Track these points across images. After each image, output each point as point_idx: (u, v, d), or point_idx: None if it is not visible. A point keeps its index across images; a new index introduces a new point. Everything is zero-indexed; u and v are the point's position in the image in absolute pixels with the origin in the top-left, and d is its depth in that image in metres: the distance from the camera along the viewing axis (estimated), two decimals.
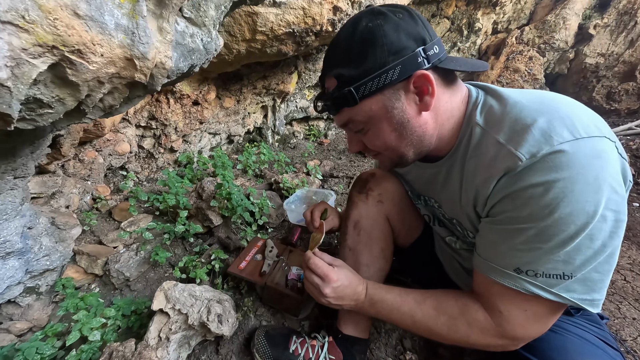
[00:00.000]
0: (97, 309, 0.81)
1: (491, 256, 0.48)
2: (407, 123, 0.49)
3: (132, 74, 0.45)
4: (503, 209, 0.45)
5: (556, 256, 0.41)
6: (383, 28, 0.44)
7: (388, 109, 0.48)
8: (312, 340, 0.78)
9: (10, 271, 0.75)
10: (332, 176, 1.89)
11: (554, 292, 0.43)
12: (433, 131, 0.51)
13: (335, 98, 0.49)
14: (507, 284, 0.46)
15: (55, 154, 0.92)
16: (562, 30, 2.57)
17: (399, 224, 0.79)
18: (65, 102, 0.42)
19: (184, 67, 0.55)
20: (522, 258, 0.44)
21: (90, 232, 1.12)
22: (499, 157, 0.44)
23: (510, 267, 0.45)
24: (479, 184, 0.48)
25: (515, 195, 0.43)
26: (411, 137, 0.50)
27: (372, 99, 0.47)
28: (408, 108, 0.48)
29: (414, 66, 0.45)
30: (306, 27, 1.36)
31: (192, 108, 1.53)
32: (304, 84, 2.23)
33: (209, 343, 0.80)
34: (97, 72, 0.41)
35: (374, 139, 0.52)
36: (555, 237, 0.41)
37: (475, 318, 0.51)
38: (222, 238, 1.17)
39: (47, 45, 0.34)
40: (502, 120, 0.46)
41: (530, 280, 0.44)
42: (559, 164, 0.39)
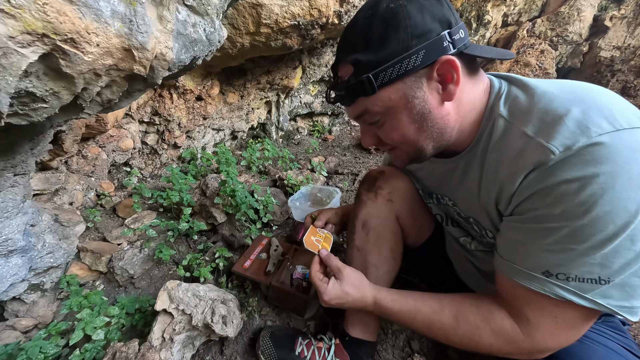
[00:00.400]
0: (100, 307, 0.80)
1: (516, 258, 0.45)
2: (428, 114, 0.44)
3: (130, 65, 0.42)
4: (531, 206, 0.41)
5: (592, 259, 0.37)
6: (406, 9, 0.40)
7: (408, 99, 0.43)
8: (319, 342, 0.76)
9: (14, 269, 0.74)
10: (337, 173, 1.86)
11: (588, 298, 0.39)
12: (455, 123, 0.47)
13: (351, 87, 0.44)
14: (534, 288, 0.42)
15: (57, 150, 0.90)
16: (576, 22, 2.46)
17: (409, 224, 0.75)
18: (61, 96, 0.40)
19: (186, 59, 0.52)
20: (552, 260, 0.40)
21: (94, 229, 1.11)
22: (526, 150, 0.40)
23: (538, 270, 0.41)
24: (503, 179, 0.44)
25: (546, 191, 0.39)
26: (432, 129, 0.46)
27: (392, 87, 0.42)
28: (430, 97, 0.43)
29: (439, 51, 0.40)
30: (312, 19, 1.32)
31: (195, 103, 1.50)
32: (309, 79, 2.18)
33: (213, 343, 0.79)
34: (93, 64, 0.39)
35: (391, 131, 0.47)
36: (592, 237, 0.37)
37: (501, 326, 0.47)
38: (226, 236, 1.15)
39: (36, 33, 0.31)
40: (529, 112, 0.41)
41: (561, 284, 0.40)
42: (597, 157, 0.35)
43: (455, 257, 0.76)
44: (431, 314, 0.53)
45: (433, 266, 0.84)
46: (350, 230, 0.78)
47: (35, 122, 0.40)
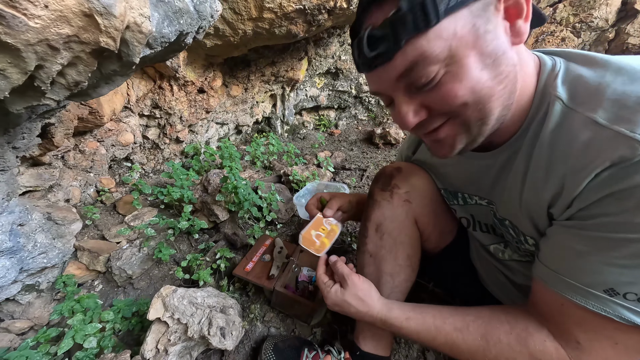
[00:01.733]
0: (94, 312, 0.74)
1: (569, 270, 0.36)
2: (502, 56, 0.33)
3: (95, 37, 0.33)
4: (602, 211, 0.32)
5: None
6: None
7: (479, 33, 0.31)
8: (326, 355, 0.68)
9: (1, 271, 0.68)
10: (343, 168, 1.75)
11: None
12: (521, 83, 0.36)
13: (400, 20, 0.31)
14: (592, 307, 0.34)
15: (47, 145, 0.83)
16: (602, 6, 2.24)
17: (429, 228, 0.65)
18: (7, 74, 0.31)
19: (170, 35, 0.43)
20: (621, 277, 0.32)
21: (93, 226, 1.05)
22: (599, 142, 0.31)
23: (599, 287, 0.34)
24: (563, 178, 0.35)
25: (626, 194, 0.30)
26: (506, 80, 0.34)
27: (458, 15, 0.30)
28: (501, 34, 0.32)
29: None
30: (319, 3, 1.20)
31: (197, 96, 1.42)
32: (315, 71, 2.07)
33: (212, 352, 0.71)
34: (43, 32, 0.30)
35: (457, 85, 0.33)
36: None
37: (542, 350, 0.39)
38: (228, 234, 1.08)
39: None
40: (600, 94, 0.32)
41: (630, 305, 0.32)
42: None
43: (483, 266, 0.65)
44: (454, 333, 0.46)
45: (454, 274, 0.74)
46: (361, 234, 0.68)
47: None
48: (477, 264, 0.67)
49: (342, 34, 1.97)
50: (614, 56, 0.36)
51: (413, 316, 0.50)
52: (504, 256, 0.55)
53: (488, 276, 0.64)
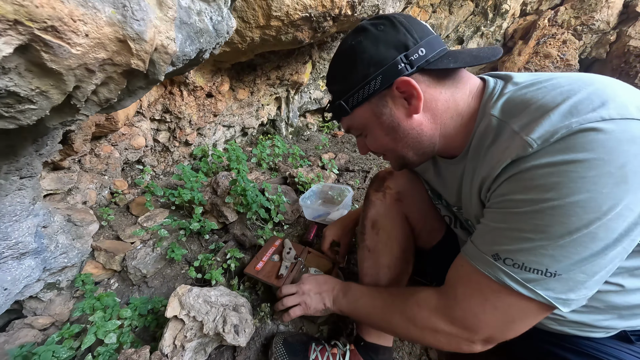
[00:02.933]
0: (113, 309, 0.77)
1: (476, 238, 0.44)
2: (397, 126, 0.48)
3: (127, 60, 0.36)
4: (501, 191, 0.40)
5: (544, 249, 0.35)
6: (362, 44, 0.45)
7: (377, 115, 0.48)
8: (333, 348, 0.72)
9: (27, 271, 0.71)
10: (347, 170, 1.78)
11: (528, 287, 0.37)
12: (432, 131, 0.48)
13: (333, 109, 0.52)
14: (479, 267, 0.41)
15: (67, 150, 0.87)
16: (603, 9, 2.23)
17: (419, 225, 0.72)
18: (50, 95, 0.34)
19: (191, 53, 0.45)
20: (505, 245, 0.38)
21: (108, 227, 1.09)
22: (510, 145, 0.38)
23: (489, 252, 0.40)
24: (485, 173, 0.43)
25: (515, 177, 0.37)
26: (405, 139, 0.49)
27: (362, 108, 0.49)
28: (396, 112, 0.47)
29: (395, 73, 0.44)
30: (324, 10, 1.21)
31: (205, 100, 1.44)
32: (318, 74, 2.08)
33: (225, 348, 0.75)
34: (83, 58, 0.32)
35: (372, 142, 0.53)
36: (549, 228, 0.34)
37: (425, 297, 0.49)
38: (237, 235, 1.10)
39: (7, 19, 0.25)
40: (522, 109, 0.39)
41: (506, 269, 0.38)
42: (573, 145, 0.32)
43: None
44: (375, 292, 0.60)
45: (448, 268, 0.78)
46: (360, 231, 0.75)
47: (24, 125, 0.35)
48: None
49: None
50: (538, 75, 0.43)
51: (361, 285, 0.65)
52: None
53: None
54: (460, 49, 0.48)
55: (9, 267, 0.67)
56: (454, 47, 2.83)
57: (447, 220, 0.69)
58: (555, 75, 0.42)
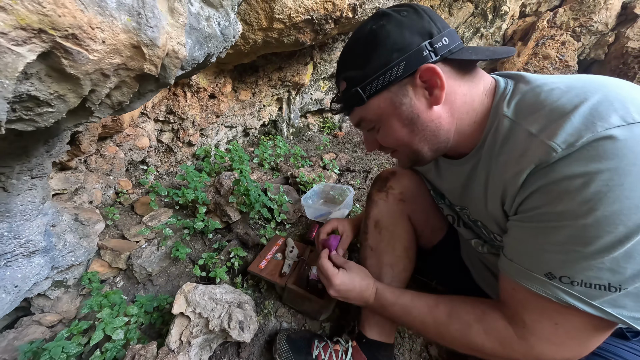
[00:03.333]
0: (120, 306, 0.79)
1: (519, 257, 0.41)
2: (417, 118, 0.45)
3: (140, 64, 0.37)
4: (533, 204, 0.38)
5: (599, 263, 0.33)
6: (386, 28, 0.43)
7: (396, 105, 0.45)
8: (335, 344, 0.73)
9: (36, 269, 0.73)
10: (348, 170, 1.79)
11: (595, 306, 0.34)
12: (449, 125, 0.46)
13: (346, 99, 0.49)
14: (534, 289, 0.38)
15: (75, 151, 0.88)
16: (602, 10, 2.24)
17: (421, 224, 0.72)
18: (67, 99, 0.35)
19: (200, 57, 0.47)
20: (556, 262, 0.36)
21: (113, 226, 1.10)
22: (530, 149, 0.37)
23: (540, 271, 0.38)
24: (507, 179, 0.41)
25: (547, 189, 0.36)
26: (423, 132, 0.46)
27: (380, 97, 0.45)
28: (417, 103, 0.44)
29: (419, 60, 0.42)
30: (326, 13, 1.23)
31: (208, 101, 1.46)
32: (319, 75, 2.10)
33: (230, 345, 0.76)
34: (99, 63, 0.34)
35: (386, 136, 0.49)
36: (598, 239, 0.32)
37: (494, 326, 0.44)
38: (240, 234, 1.12)
39: (32, 28, 0.26)
40: (536, 110, 0.38)
41: (565, 288, 0.36)
42: (603, 152, 0.31)
43: (471, 262, 0.70)
44: (425, 308, 0.53)
45: (449, 270, 0.79)
46: (363, 230, 0.76)
47: (42, 127, 0.36)
48: (467, 261, 0.72)
49: (346, 39, 2.00)
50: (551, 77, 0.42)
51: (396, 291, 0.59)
52: (483, 249, 0.60)
53: (477, 272, 0.69)
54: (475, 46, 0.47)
55: (19, 264, 0.68)
56: None
57: (449, 219, 0.68)
58: (564, 76, 0.41)
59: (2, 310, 0.66)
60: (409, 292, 0.58)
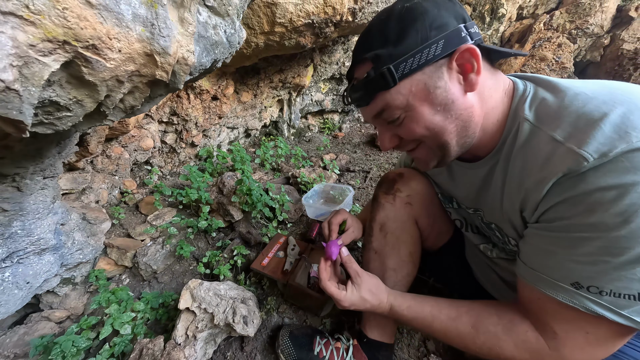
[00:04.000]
0: (127, 302, 0.81)
1: (543, 267, 0.40)
2: (451, 104, 0.41)
3: (152, 71, 0.40)
4: (560, 215, 0.37)
5: (630, 273, 0.33)
6: (422, 5, 0.40)
7: (430, 89, 0.41)
8: (336, 341, 0.74)
9: (46, 266, 0.75)
10: (348, 170, 1.81)
11: (624, 315, 0.35)
12: (479, 118, 0.44)
13: (370, 82, 0.42)
14: (562, 299, 0.38)
15: (83, 152, 0.90)
16: (598, 13, 2.27)
17: (427, 228, 0.71)
18: (84, 104, 0.37)
19: (207, 63, 0.49)
20: (583, 272, 0.36)
21: (119, 225, 1.12)
22: (555, 156, 0.36)
23: (566, 281, 0.37)
24: (530, 186, 0.40)
25: (577, 200, 0.35)
26: (457, 120, 0.42)
27: (412, 79, 0.40)
28: (452, 87, 0.41)
29: (458, 40, 0.39)
30: (326, 17, 1.25)
31: (211, 103, 1.48)
32: (320, 76, 2.12)
33: (234, 339, 0.78)
34: (115, 70, 0.36)
35: (414, 124, 0.43)
36: (630, 250, 0.32)
37: (524, 339, 0.43)
38: (243, 233, 1.14)
39: (57, 40, 0.28)
40: (559, 115, 0.37)
41: (594, 298, 0.36)
42: (638, 164, 0.31)
43: (476, 264, 0.71)
44: (448, 321, 0.50)
45: (452, 272, 0.80)
46: (367, 233, 0.75)
47: (60, 130, 0.38)
48: (471, 262, 0.72)
49: (346, 42, 2.02)
50: (572, 81, 0.41)
51: (413, 304, 0.55)
52: (492, 254, 0.60)
53: (481, 274, 0.70)
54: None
55: (30, 262, 0.71)
56: None
57: (457, 223, 0.67)
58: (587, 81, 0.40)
59: (14, 306, 0.68)
60: (427, 302, 0.54)
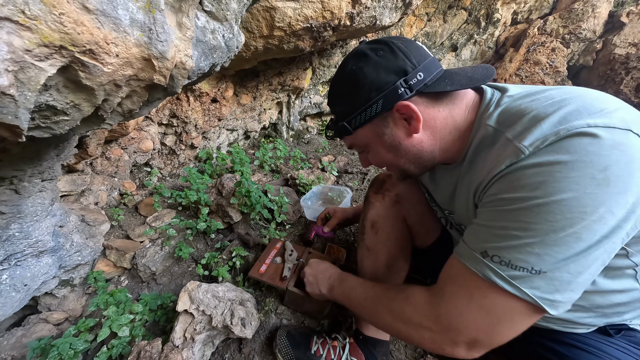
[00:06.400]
0: (125, 304, 0.80)
1: (467, 237, 0.44)
2: (399, 145, 0.50)
3: (150, 75, 0.39)
4: (492, 191, 0.41)
5: (530, 247, 0.35)
6: (363, 70, 0.47)
7: (379, 135, 0.50)
8: (333, 340, 0.75)
9: (44, 268, 0.74)
10: (346, 172, 1.81)
11: (514, 284, 0.36)
12: (432, 147, 0.50)
13: (336, 130, 0.54)
14: (467, 264, 0.40)
15: (82, 154, 0.89)
16: (590, 18, 2.29)
17: (416, 226, 0.74)
18: (81, 108, 0.37)
19: (205, 67, 0.48)
20: (493, 242, 0.38)
21: (118, 227, 1.11)
22: (504, 152, 0.39)
23: (478, 250, 0.40)
24: (480, 179, 0.44)
25: (506, 177, 0.38)
26: (407, 155, 0.51)
27: (364, 128, 0.50)
28: (397, 132, 0.49)
29: (395, 98, 0.46)
30: (324, 21, 1.25)
31: (210, 105, 1.48)
32: (318, 79, 2.12)
33: (232, 341, 0.77)
34: (112, 75, 0.35)
35: (375, 158, 0.56)
36: (535, 226, 0.34)
37: (413, 292, 0.48)
38: (241, 234, 1.13)
39: (54, 45, 0.28)
40: (517, 119, 0.40)
41: (493, 266, 0.38)
42: (559, 148, 0.34)
43: None
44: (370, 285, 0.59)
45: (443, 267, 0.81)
46: (360, 231, 0.78)
47: (57, 134, 0.38)
48: None
49: (344, 45, 2.03)
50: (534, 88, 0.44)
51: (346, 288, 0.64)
52: None
53: None
54: (457, 69, 0.50)
55: (28, 264, 0.70)
56: (448, 53, 2.88)
57: (442, 221, 0.70)
58: (548, 88, 0.43)
59: (12, 308, 0.67)
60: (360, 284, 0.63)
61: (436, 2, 2.36)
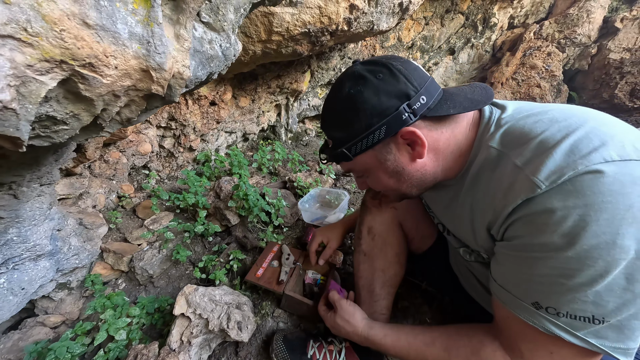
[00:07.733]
0: (122, 308, 0.80)
1: (508, 285, 0.42)
2: (402, 170, 0.48)
3: (148, 86, 0.40)
4: (516, 233, 0.39)
5: (583, 295, 0.34)
6: (363, 95, 0.43)
7: (381, 161, 0.48)
8: (329, 345, 0.75)
9: (42, 272, 0.75)
10: (344, 174, 1.82)
11: (580, 337, 0.35)
12: (435, 168, 0.49)
13: (333, 155, 0.51)
14: (524, 318, 0.39)
15: (80, 158, 0.90)
16: (585, 24, 2.32)
17: (412, 231, 0.75)
18: (81, 117, 0.38)
19: (202, 76, 0.50)
20: (542, 292, 0.37)
21: (116, 230, 1.12)
22: (517, 183, 0.38)
23: (527, 300, 0.38)
24: (497, 209, 0.41)
25: (528, 219, 0.37)
26: (410, 180, 0.49)
27: (365, 155, 0.48)
28: (401, 158, 0.47)
29: (399, 124, 0.43)
30: (322, 26, 1.27)
31: (209, 108, 1.48)
32: (317, 82, 2.14)
33: (228, 344, 0.78)
34: (111, 86, 0.36)
35: (375, 184, 0.53)
36: (580, 272, 0.33)
37: (485, 349, 0.45)
38: (239, 237, 1.14)
39: (54, 60, 0.29)
40: (523, 142, 0.40)
41: (551, 318, 0.36)
42: (581, 188, 0.33)
43: (459, 270, 0.73)
44: (423, 347, 0.53)
45: (439, 273, 0.82)
46: (357, 236, 0.78)
47: (57, 143, 0.39)
48: (455, 269, 0.74)
49: (342, 49, 2.04)
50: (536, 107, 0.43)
51: (390, 333, 0.58)
52: (471, 258, 0.61)
53: (464, 280, 0.71)
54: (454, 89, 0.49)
55: (26, 268, 0.70)
56: (446, 57, 2.91)
57: (439, 227, 0.69)
58: (548, 107, 0.43)
59: (9, 312, 0.67)
60: (402, 330, 0.57)
61: (434, 6, 2.38)
